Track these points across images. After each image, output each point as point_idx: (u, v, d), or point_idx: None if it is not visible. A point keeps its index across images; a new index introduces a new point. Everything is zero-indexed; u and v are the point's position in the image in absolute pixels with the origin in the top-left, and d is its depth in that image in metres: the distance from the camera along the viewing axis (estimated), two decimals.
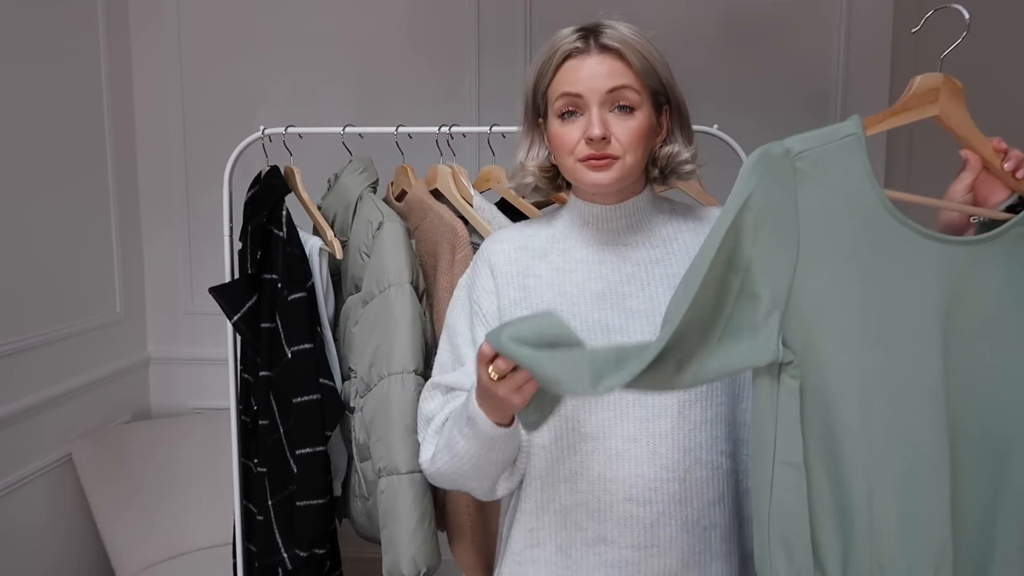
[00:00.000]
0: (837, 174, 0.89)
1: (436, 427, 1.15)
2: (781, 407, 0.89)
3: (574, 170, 1.09)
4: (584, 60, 1.06)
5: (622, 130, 1.05)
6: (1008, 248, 0.91)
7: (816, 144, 0.89)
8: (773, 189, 0.88)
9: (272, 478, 1.63)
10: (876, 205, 0.89)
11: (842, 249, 0.88)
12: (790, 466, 0.89)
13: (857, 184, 0.89)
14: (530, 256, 1.17)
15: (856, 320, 0.89)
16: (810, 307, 0.88)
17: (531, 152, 1.17)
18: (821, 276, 0.88)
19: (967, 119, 0.97)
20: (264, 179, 1.67)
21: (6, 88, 1.97)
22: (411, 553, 1.47)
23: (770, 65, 2.44)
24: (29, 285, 2.06)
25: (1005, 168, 0.97)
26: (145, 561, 2.18)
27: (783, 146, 0.89)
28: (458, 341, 1.18)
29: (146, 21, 2.50)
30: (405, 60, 2.48)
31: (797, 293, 0.88)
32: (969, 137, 0.97)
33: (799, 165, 0.88)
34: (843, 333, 0.89)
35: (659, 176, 1.15)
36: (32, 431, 2.06)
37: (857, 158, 0.89)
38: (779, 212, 0.88)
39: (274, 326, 1.60)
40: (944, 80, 0.97)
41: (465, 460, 1.07)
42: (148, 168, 2.55)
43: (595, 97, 1.05)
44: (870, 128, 0.92)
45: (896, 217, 0.89)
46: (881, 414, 0.89)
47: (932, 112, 0.96)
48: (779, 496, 0.90)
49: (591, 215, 1.15)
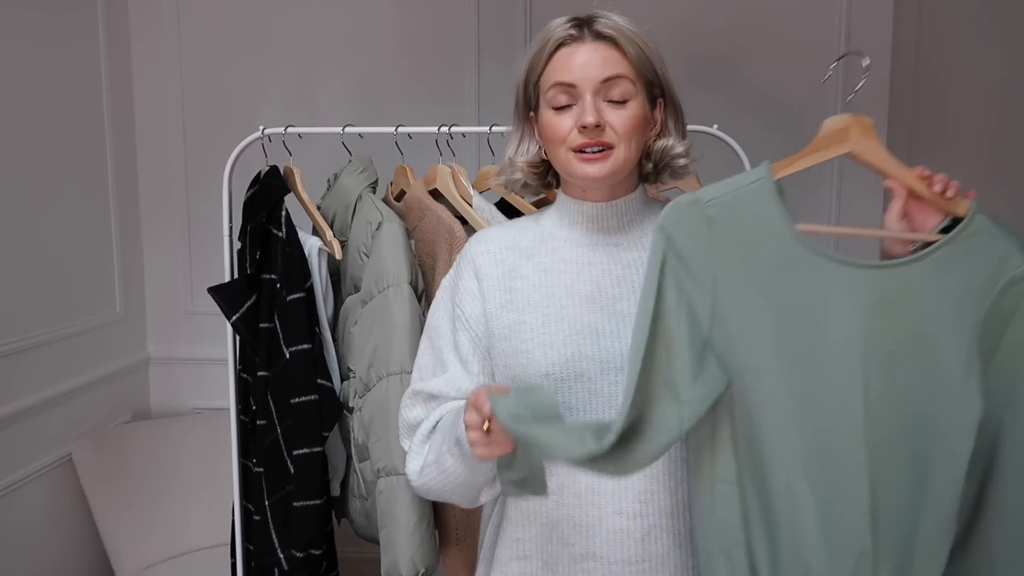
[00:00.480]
0: (748, 216, 0.96)
1: (422, 437, 1.13)
2: (717, 429, 0.96)
3: (566, 162, 1.06)
4: (578, 48, 1.04)
5: (616, 119, 1.03)
6: (935, 267, 0.96)
7: (726, 191, 0.97)
8: (687, 235, 0.96)
9: (269, 478, 1.63)
10: (789, 240, 0.96)
11: (756, 284, 0.96)
12: (727, 483, 0.96)
13: (768, 223, 0.96)
14: (516, 256, 1.13)
15: (773, 346, 0.95)
16: (730, 337, 0.96)
17: (520, 147, 1.14)
18: (738, 309, 0.96)
19: (882, 152, 1.02)
20: (264, 179, 1.67)
21: (5, 88, 1.97)
22: (409, 553, 1.47)
23: (770, 65, 2.43)
24: (29, 285, 2.06)
25: (935, 190, 0.99)
26: (145, 561, 2.18)
27: (693, 196, 0.97)
28: (440, 345, 1.15)
29: (146, 21, 2.50)
30: (405, 60, 2.48)
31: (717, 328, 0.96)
32: (886, 168, 1.02)
33: (710, 212, 0.96)
34: (761, 359, 0.95)
35: (652, 171, 1.12)
36: (32, 431, 2.06)
37: (768, 199, 0.96)
38: (694, 256, 0.96)
39: (272, 326, 1.60)
40: (852, 120, 1.02)
41: (452, 478, 1.06)
42: (148, 168, 2.55)
43: (589, 86, 1.03)
44: (779, 172, 0.99)
45: (811, 249, 0.96)
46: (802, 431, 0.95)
47: (843, 150, 1.01)
48: (720, 513, 0.96)
49: (580, 213, 1.12)
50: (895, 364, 0.96)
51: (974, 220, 0.97)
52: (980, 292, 0.96)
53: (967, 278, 0.96)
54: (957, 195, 0.99)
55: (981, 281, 0.96)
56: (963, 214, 0.99)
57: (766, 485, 0.96)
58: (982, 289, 0.96)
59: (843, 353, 0.95)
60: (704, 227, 0.96)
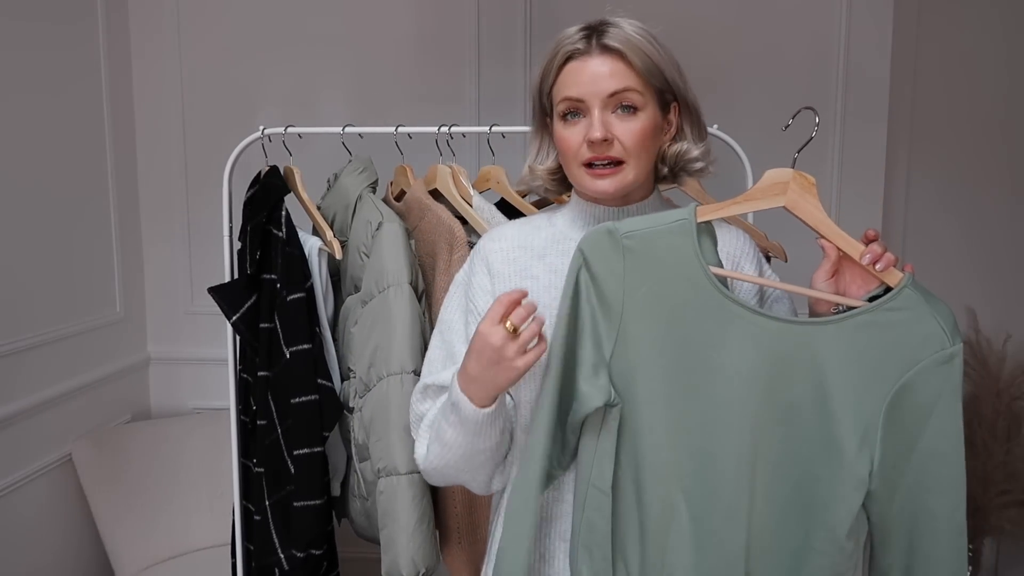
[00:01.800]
0: (664, 252, 1.01)
1: (428, 423, 1.14)
2: (600, 441, 1.03)
3: (578, 176, 1.08)
4: (585, 62, 1.04)
5: (624, 132, 1.04)
6: (849, 333, 0.98)
7: (645, 226, 1.02)
8: (601, 261, 1.01)
9: (269, 478, 1.63)
10: (702, 282, 1.00)
11: (662, 316, 1.01)
12: (599, 490, 1.03)
13: (684, 261, 1.00)
14: (529, 256, 1.14)
15: (669, 377, 1.01)
16: (628, 362, 1.01)
17: (540, 155, 1.15)
18: (640, 338, 1.01)
19: (817, 211, 1.03)
20: (264, 179, 1.67)
21: (5, 89, 1.97)
22: (410, 553, 1.47)
23: (770, 65, 2.44)
24: (29, 285, 2.06)
25: (863, 262, 1.00)
26: (145, 561, 2.18)
27: (612, 225, 1.02)
28: (452, 338, 1.16)
29: (147, 23, 2.50)
30: (405, 60, 2.48)
31: (620, 349, 1.02)
32: (820, 228, 1.03)
33: (627, 242, 1.01)
34: (655, 387, 1.01)
35: (668, 174, 1.14)
36: (32, 431, 2.06)
37: (686, 239, 1.00)
38: (606, 281, 1.01)
39: (273, 326, 1.60)
40: (795, 176, 1.04)
41: (454, 449, 1.06)
42: (148, 168, 2.55)
43: (596, 101, 1.04)
44: (703, 215, 1.02)
45: (723, 293, 1.00)
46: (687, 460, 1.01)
47: (779, 203, 1.04)
48: (588, 514, 1.04)
49: (593, 217, 1.13)
50: (791, 418, 1.00)
51: (902, 293, 0.98)
52: (894, 368, 0.97)
53: (882, 351, 0.97)
54: (888, 268, 0.99)
55: (897, 357, 0.97)
56: (894, 284, 0.99)
57: (644, 500, 1.02)
58: (897, 365, 0.97)
59: (739, 397, 1.00)
60: (619, 257, 1.01)
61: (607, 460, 1.02)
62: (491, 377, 0.99)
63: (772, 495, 1.01)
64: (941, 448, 0.98)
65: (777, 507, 1.01)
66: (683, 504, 1.01)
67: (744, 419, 1.00)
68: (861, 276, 1.02)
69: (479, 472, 1.11)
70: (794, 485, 1.01)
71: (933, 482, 0.98)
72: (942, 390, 0.97)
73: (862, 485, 0.99)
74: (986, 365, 2.51)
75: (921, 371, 0.96)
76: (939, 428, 0.97)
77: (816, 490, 1.00)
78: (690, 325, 1.00)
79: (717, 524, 1.01)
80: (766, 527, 1.01)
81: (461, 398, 1.02)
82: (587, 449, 1.04)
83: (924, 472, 0.98)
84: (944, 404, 0.97)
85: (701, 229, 1.01)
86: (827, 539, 1.00)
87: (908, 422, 0.98)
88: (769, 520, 1.01)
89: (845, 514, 0.99)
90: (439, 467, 1.11)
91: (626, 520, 1.04)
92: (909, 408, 0.97)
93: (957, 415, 0.97)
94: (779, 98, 2.43)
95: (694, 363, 1.00)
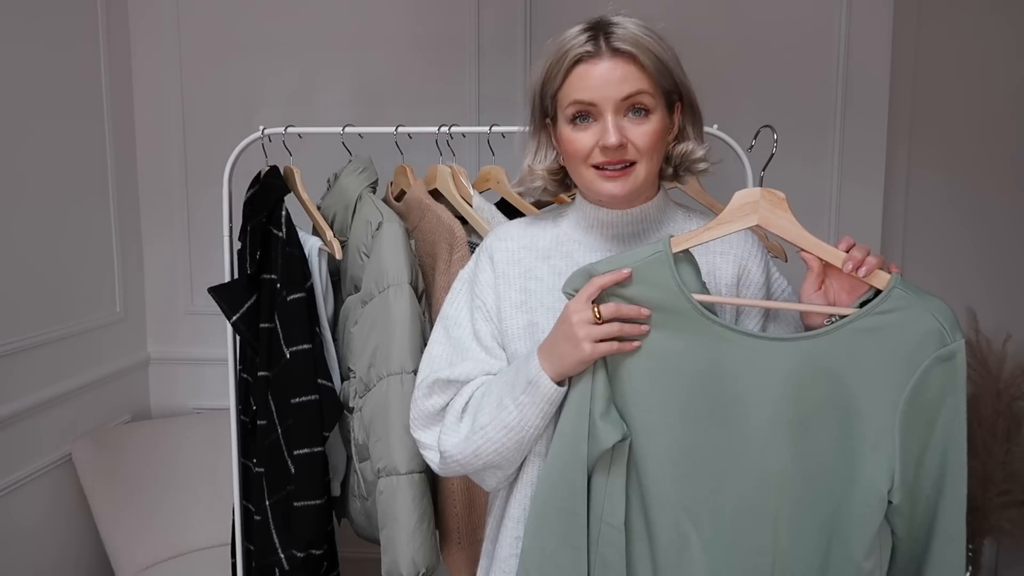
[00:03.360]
0: (645, 287, 1.00)
1: (457, 412, 1.11)
2: (611, 477, 1.02)
3: (588, 179, 1.06)
4: (595, 65, 1.02)
5: (637, 135, 1.03)
6: (846, 341, 0.97)
7: (620, 265, 1.01)
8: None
9: (270, 478, 1.63)
10: (689, 311, 1.00)
11: (653, 348, 1.01)
12: (612, 527, 1.02)
13: (668, 294, 1.00)
14: (533, 257, 1.14)
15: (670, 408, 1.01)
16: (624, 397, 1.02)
17: (538, 155, 1.14)
18: (633, 371, 1.01)
19: (791, 224, 1.03)
20: (264, 179, 1.67)
21: (5, 89, 1.97)
22: (410, 553, 1.47)
23: (770, 65, 2.43)
24: (29, 285, 2.06)
25: (845, 270, 0.99)
26: (145, 561, 2.17)
27: (590, 268, 1.02)
28: (459, 334, 1.15)
29: (146, 22, 2.50)
30: (405, 60, 2.48)
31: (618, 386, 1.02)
32: (798, 241, 1.03)
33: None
34: (656, 417, 1.01)
35: (672, 174, 1.13)
36: (32, 431, 2.06)
37: (664, 271, 1.00)
38: None
39: (273, 326, 1.60)
40: (763, 193, 1.03)
41: (514, 432, 1.05)
42: (148, 168, 2.55)
43: (609, 105, 1.02)
44: (677, 245, 1.02)
45: (711, 320, 1.00)
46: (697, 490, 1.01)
47: (752, 222, 1.03)
48: (602, 550, 1.03)
49: (597, 219, 1.13)
50: (805, 435, 0.98)
51: (891, 295, 0.97)
52: (899, 370, 0.96)
53: (884, 355, 0.96)
54: (872, 272, 0.98)
55: (901, 359, 0.96)
56: (882, 287, 0.98)
57: (653, 532, 1.02)
58: (901, 367, 0.96)
59: (750, 422, 0.99)
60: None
61: (619, 496, 1.02)
62: (559, 354, 1.00)
63: (793, 520, 0.99)
64: (949, 448, 0.97)
65: (799, 532, 1.00)
66: (694, 534, 1.00)
67: (758, 444, 0.98)
68: (849, 283, 1.01)
69: (519, 458, 1.09)
70: (814, 507, 0.99)
71: (943, 484, 0.97)
72: (946, 388, 0.95)
73: (882, 502, 0.97)
74: (986, 365, 2.51)
75: (925, 372, 0.95)
76: (947, 428, 0.96)
77: (835, 511, 0.99)
78: (684, 356, 1.00)
79: (735, 552, 1.00)
80: (789, 553, 1.00)
81: (542, 375, 1.01)
82: (598, 485, 1.03)
83: (935, 474, 0.97)
84: (950, 403, 0.96)
85: (679, 258, 1.01)
86: (847, 560, 0.99)
87: (921, 426, 0.96)
88: (791, 545, 1.00)
89: (864, 534, 0.98)
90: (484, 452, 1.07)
91: (638, 555, 1.03)
92: (919, 412, 0.96)
93: (962, 413, 0.96)
94: (779, 98, 2.43)
95: (695, 394, 1.00)
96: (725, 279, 1.11)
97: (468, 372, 1.12)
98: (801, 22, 2.43)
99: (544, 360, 1.02)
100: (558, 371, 1.01)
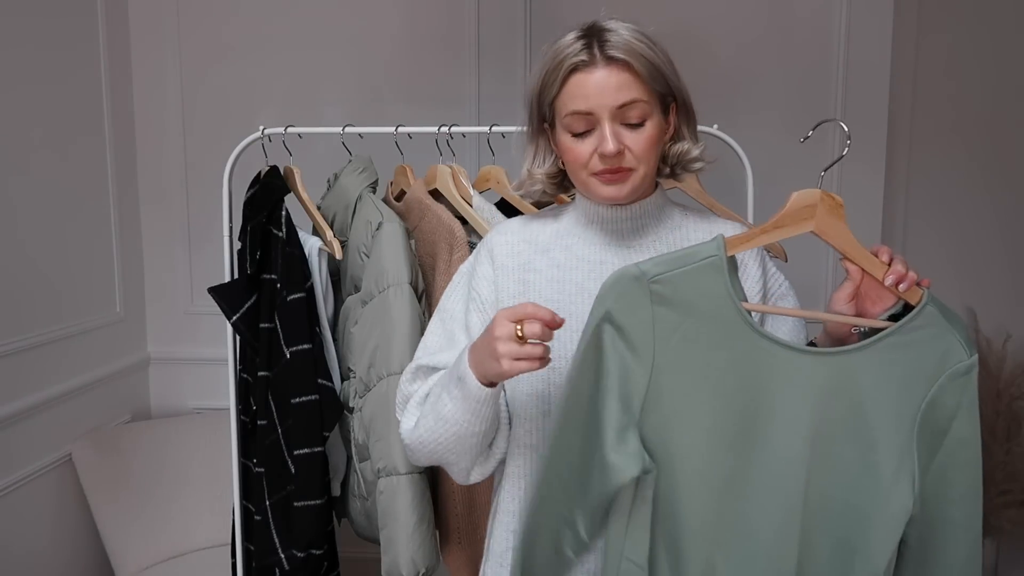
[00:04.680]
0: (695, 295, 0.94)
1: (419, 399, 1.13)
2: (634, 512, 0.96)
3: (587, 184, 1.08)
4: (591, 74, 1.03)
5: (634, 142, 1.05)
6: (879, 356, 0.95)
7: (674, 267, 0.94)
8: (627, 309, 0.93)
9: (270, 478, 1.63)
10: (736, 322, 0.94)
11: (698, 363, 0.94)
12: (634, 564, 0.97)
13: (716, 303, 0.94)
14: (533, 250, 1.16)
15: (707, 429, 0.95)
16: (664, 417, 0.94)
17: (537, 160, 1.16)
18: (675, 389, 0.94)
19: (845, 233, 0.99)
20: (264, 179, 1.67)
21: (6, 89, 1.97)
22: (410, 553, 1.47)
23: (770, 65, 2.44)
24: (29, 285, 2.06)
25: (886, 283, 0.98)
26: (145, 561, 2.17)
27: (639, 269, 0.94)
28: (453, 326, 1.17)
29: (146, 22, 2.50)
30: (405, 60, 2.48)
31: (651, 404, 0.94)
32: (848, 250, 1.00)
33: (655, 288, 0.93)
34: (695, 440, 0.95)
35: (669, 173, 1.15)
36: (32, 431, 2.06)
37: (718, 278, 0.94)
38: (634, 330, 0.93)
39: (273, 326, 1.60)
40: (822, 197, 0.98)
41: (448, 425, 1.05)
42: (148, 168, 2.55)
43: (606, 113, 1.03)
44: (732, 248, 0.96)
45: (757, 331, 0.94)
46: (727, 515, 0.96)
47: (807, 228, 0.99)
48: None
49: (596, 215, 1.14)
50: (833, 451, 0.97)
51: (924, 311, 0.96)
52: (920, 386, 0.96)
53: (909, 370, 0.95)
54: (911, 287, 0.98)
55: (922, 375, 0.96)
56: (915, 302, 0.97)
57: (680, 566, 0.97)
58: (922, 383, 0.96)
59: (784, 439, 0.96)
60: (647, 304, 0.93)
61: (642, 531, 0.96)
62: (481, 360, 0.99)
63: (816, 537, 0.98)
64: (960, 457, 0.97)
65: (820, 548, 0.98)
66: (723, 564, 0.97)
67: (790, 463, 0.96)
68: (875, 292, 1.01)
69: (464, 457, 1.10)
70: (836, 524, 0.98)
71: (954, 493, 0.97)
72: (961, 402, 0.95)
73: (906, 515, 0.96)
74: (986, 365, 2.51)
75: (942, 386, 0.95)
76: (958, 438, 0.96)
77: (858, 526, 0.98)
78: (727, 372, 0.95)
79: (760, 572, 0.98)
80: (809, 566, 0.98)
81: (468, 372, 1.01)
82: (619, 519, 0.98)
83: (945, 483, 0.97)
84: (963, 415, 0.96)
85: (730, 263, 0.95)
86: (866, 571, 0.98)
87: (931, 436, 0.96)
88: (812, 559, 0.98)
89: (887, 548, 0.97)
90: (427, 441, 1.09)
91: None
92: (934, 424, 0.96)
93: (975, 425, 0.96)
94: (779, 98, 2.43)
95: (735, 412, 0.95)
96: None
97: (448, 360, 1.13)
98: (801, 22, 2.43)
99: (472, 361, 1.01)
100: (483, 376, 1.01)
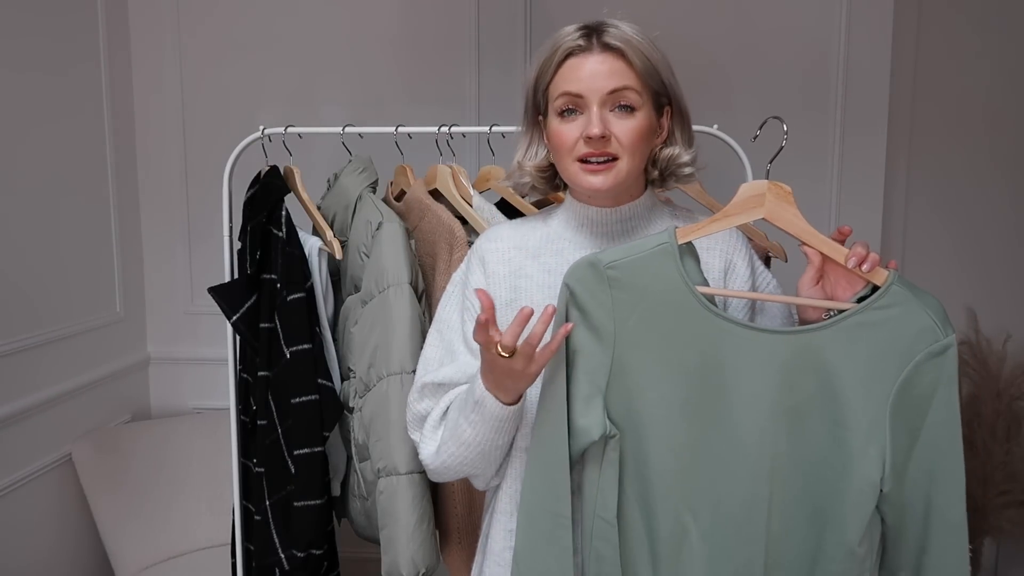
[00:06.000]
0: (648, 279, 1.01)
1: (434, 422, 1.15)
2: (603, 473, 1.04)
3: (572, 172, 1.08)
4: (585, 59, 1.05)
5: (621, 130, 1.05)
6: (845, 335, 0.99)
7: (627, 255, 1.02)
8: (588, 292, 1.02)
9: (270, 478, 1.63)
10: (691, 303, 1.01)
11: (656, 341, 1.02)
12: (604, 521, 1.04)
13: (670, 286, 1.01)
14: (523, 256, 1.16)
15: (670, 400, 1.02)
16: (627, 389, 1.02)
17: (529, 151, 1.16)
18: (636, 364, 1.02)
19: (798, 219, 1.03)
20: (264, 179, 1.67)
21: (6, 89, 1.97)
22: (410, 553, 1.47)
23: (770, 65, 2.44)
24: (29, 285, 2.06)
25: (849, 266, 1.00)
26: (145, 561, 2.17)
27: (596, 257, 1.02)
28: (451, 336, 1.18)
29: (146, 21, 2.50)
30: (405, 60, 2.48)
31: (615, 378, 1.02)
32: (803, 235, 1.04)
33: (611, 273, 1.02)
34: (657, 410, 1.02)
35: (658, 178, 1.15)
36: (32, 431, 2.06)
37: (669, 263, 1.01)
38: (595, 311, 1.02)
39: (273, 326, 1.60)
40: (770, 186, 1.03)
41: (472, 448, 1.08)
42: (148, 168, 2.55)
43: (595, 97, 1.04)
44: (683, 237, 1.03)
45: (713, 312, 1.01)
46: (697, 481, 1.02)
47: (758, 216, 1.04)
48: (596, 544, 1.05)
49: (586, 217, 1.14)
50: (804, 425, 1.01)
51: (889, 291, 0.99)
52: (893, 364, 0.98)
53: (879, 349, 0.98)
54: (874, 268, 0.99)
55: (894, 353, 0.98)
56: (880, 283, 1.00)
57: (652, 525, 1.03)
58: (895, 361, 0.98)
59: (746, 412, 1.01)
60: (604, 287, 1.02)
61: (611, 490, 1.03)
62: (511, 385, 1.02)
63: (787, 507, 1.02)
64: (940, 439, 0.99)
65: (792, 519, 1.02)
66: (693, 525, 1.02)
67: (754, 435, 1.01)
68: (846, 278, 1.03)
69: (491, 466, 1.13)
70: (807, 495, 1.02)
71: (936, 474, 0.99)
72: (938, 381, 0.98)
73: (874, 489, 0.99)
74: (986, 365, 2.51)
75: (918, 365, 0.97)
76: (937, 419, 0.98)
77: (829, 498, 1.01)
78: (686, 348, 1.01)
79: (732, 541, 1.02)
80: (782, 540, 1.02)
81: (486, 396, 1.03)
82: (590, 480, 1.05)
83: (926, 465, 0.99)
84: (941, 395, 0.98)
85: (683, 250, 1.02)
86: (840, 546, 1.00)
87: (910, 418, 0.98)
88: (784, 532, 1.02)
89: (858, 520, 1.00)
90: (451, 465, 1.12)
91: (635, 547, 1.05)
92: (910, 403, 0.98)
93: (954, 405, 0.98)
94: (779, 99, 2.43)
95: (695, 385, 1.01)
96: (712, 273, 1.13)
97: (452, 375, 1.15)
98: (801, 23, 2.43)
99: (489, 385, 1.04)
100: (512, 397, 1.04)
